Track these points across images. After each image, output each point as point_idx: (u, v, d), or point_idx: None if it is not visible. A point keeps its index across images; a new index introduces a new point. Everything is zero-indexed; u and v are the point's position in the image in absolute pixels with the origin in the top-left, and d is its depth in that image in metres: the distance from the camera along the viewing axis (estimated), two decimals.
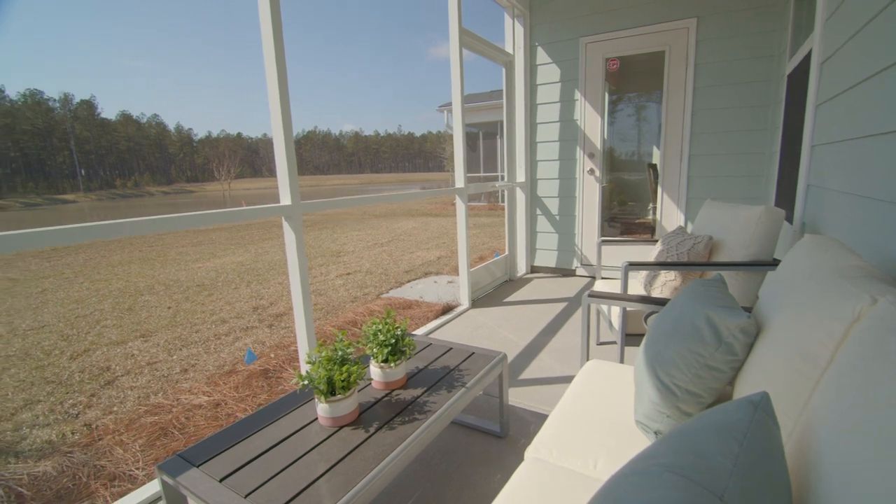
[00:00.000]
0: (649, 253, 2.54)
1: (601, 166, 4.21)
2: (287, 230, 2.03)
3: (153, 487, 1.60)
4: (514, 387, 2.32)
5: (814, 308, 0.85)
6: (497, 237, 8.72)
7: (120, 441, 2.19)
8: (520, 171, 4.49)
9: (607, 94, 4.20)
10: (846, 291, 0.79)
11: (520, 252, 4.66)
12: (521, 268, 4.69)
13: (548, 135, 4.41)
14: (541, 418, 1.99)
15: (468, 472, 1.66)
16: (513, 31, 4.24)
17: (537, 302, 3.77)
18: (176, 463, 1.18)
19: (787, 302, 0.99)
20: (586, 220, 4.38)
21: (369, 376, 1.59)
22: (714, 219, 2.35)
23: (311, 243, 8.95)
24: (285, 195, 1.99)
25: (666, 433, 1.09)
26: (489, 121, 14.10)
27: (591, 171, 4.25)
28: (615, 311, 2.19)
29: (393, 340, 1.53)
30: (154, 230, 1.56)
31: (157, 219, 1.56)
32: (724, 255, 2.12)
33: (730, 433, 0.56)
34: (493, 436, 1.87)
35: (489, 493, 1.55)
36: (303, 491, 1.06)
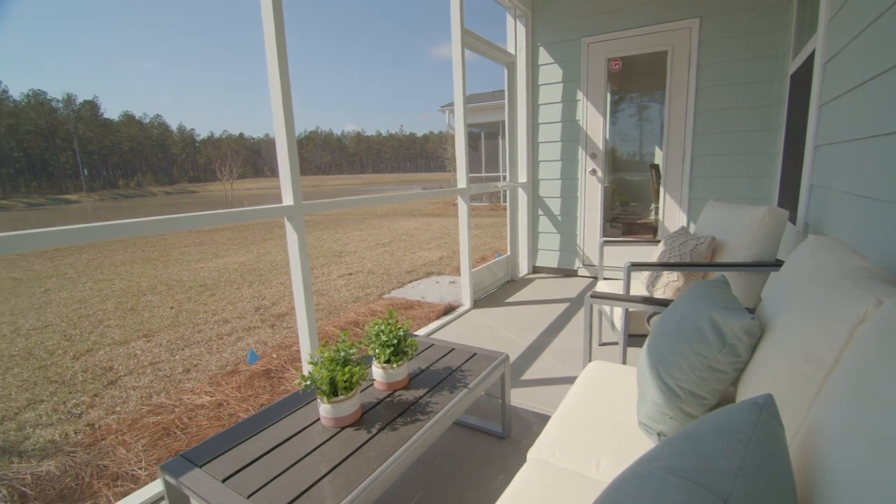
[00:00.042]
0: (651, 253, 2.53)
1: (603, 167, 4.21)
2: (289, 230, 2.03)
3: (156, 487, 1.60)
4: (516, 387, 2.31)
5: (818, 310, 0.85)
6: (499, 237, 8.71)
7: (123, 441, 2.19)
8: (522, 172, 4.49)
9: (609, 95, 4.19)
10: (851, 293, 0.79)
11: (522, 252, 4.66)
12: (523, 268, 4.68)
13: (550, 135, 4.40)
14: (543, 419, 1.99)
15: (470, 473, 1.66)
16: (515, 31, 4.24)
17: (539, 302, 3.77)
18: (179, 463, 1.18)
19: (791, 303, 0.98)
20: (588, 220, 4.37)
21: (371, 377, 1.59)
22: (717, 219, 2.35)
23: (312, 243, 8.96)
24: (287, 196, 2.00)
25: (670, 436, 1.09)
26: (491, 121, 14.11)
27: (594, 172, 4.24)
28: (617, 312, 2.18)
29: (395, 341, 1.53)
30: (158, 230, 1.56)
31: (160, 219, 1.57)
32: (726, 255, 2.12)
33: (734, 436, 0.56)
34: (496, 436, 1.87)
35: (491, 493, 1.55)
36: (305, 492, 1.06)
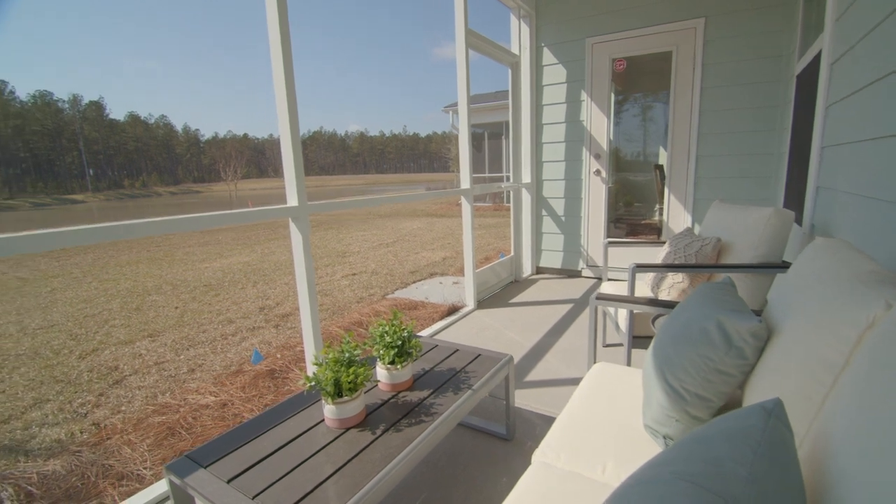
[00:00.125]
0: (656, 254, 2.52)
1: (607, 167, 4.20)
2: (294, 231, 2.04)
3: (161, 487, 1.60)
4: (520, 388, 2.31)
5: (827, 313, 0.84)
6: (502, 238, 8.70)
7: (128, 440, 2.20)
8: (525, 172, 4.48)
9: (613, 95, 4.18)
10: (860, 296, 0.78)
11: (525, 253, 4.65)
12: (527, 269, 4.68)
13: (554, 136, 4.40)
14: (547, 421, 1.98)
15: (474, 475, 1.66)
16: (519, 31, 4.23)
17: (543, 303, 3.76)
18: (184, 463, 1.18)
19: (799, 306, 0.98)
20: (592, 221, 4.36)
21: (376, 378, 1.59)
22: (722, 220, 2.33)
23: (316, 244, 8.98)
24: (292, 196, 2.00)
25: (677, 440, 1.08)
26: (494, 121, 14.10)
27: (598, 172, 4.23)
28: (622, 314, 2.17)
29: (399, 342, 1.53)
30: (166, 231, 1.57)
31: (168, 220, 1.57)
32: (732, 257, 2.10)
33: (743, 440, 0.55)
34: (500, 438, 1.87)
35: (495, 495, 1.54)
36: (310, 493, 1.06)
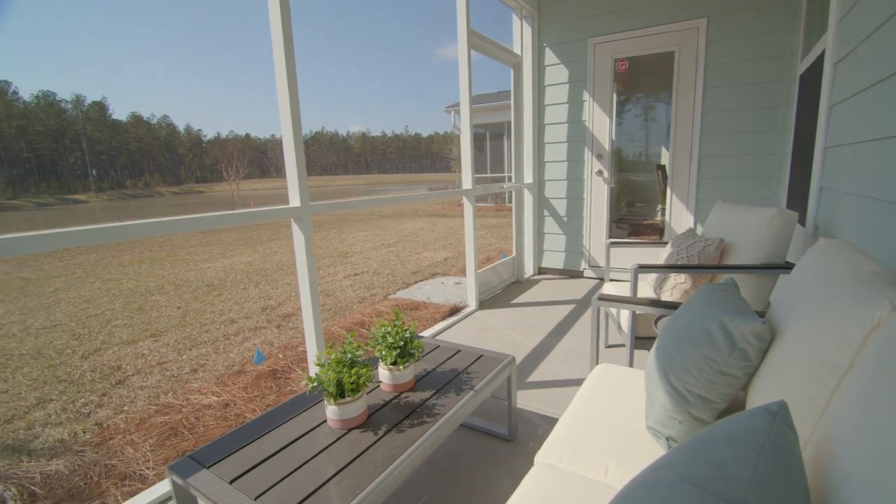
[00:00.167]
0: (658, 255, 2.52)
1: (609, 167, 4.19)
2: (296, 231, 2.04)
3: (163, 487, 1.61)
4: (522, 389, 2.31)
5: (831, 314, 0.84)
6: (504, 238, 8.70)
7: (130, 440, 2.21)
8: (527, 173, 4.48)
9: (615, 95, 4.17)
10: (865, 298, 0.78)
11: (527, 253, 4.65)
12: (529, 269, 4.67)
13: (556, 136, 4.39)
14: (549, 422, 1.98)
15: (476, 476, 1.65)
16: (521, 31, 4.23)
17: (545, 304, 3.75)
18: (186, 464, 1.18)
19: (803, 307, 0.97)
20: (594, 221, 4.35)
21: (378, 378, 1.59)
22: (725, 221, 2.33)
23: (318, 244, 8.99)
24: (294, 197, 2.00)
25: (679, 440, 1.08)
26: (496, 121, 14.10)
27: (600, 173, 4.22)
28: (624, 314, 2.17)
29: (402, 343, 1.53)
30: (169, 231, 1.57)
31: (171, 220, 1.58)
32: (735, 257, 2.09)
33: (747, 443, 0.55)
34: (502, 439, 1.86)
35: (497, 496, 1.54)
36: (312, 494, 1.06)
